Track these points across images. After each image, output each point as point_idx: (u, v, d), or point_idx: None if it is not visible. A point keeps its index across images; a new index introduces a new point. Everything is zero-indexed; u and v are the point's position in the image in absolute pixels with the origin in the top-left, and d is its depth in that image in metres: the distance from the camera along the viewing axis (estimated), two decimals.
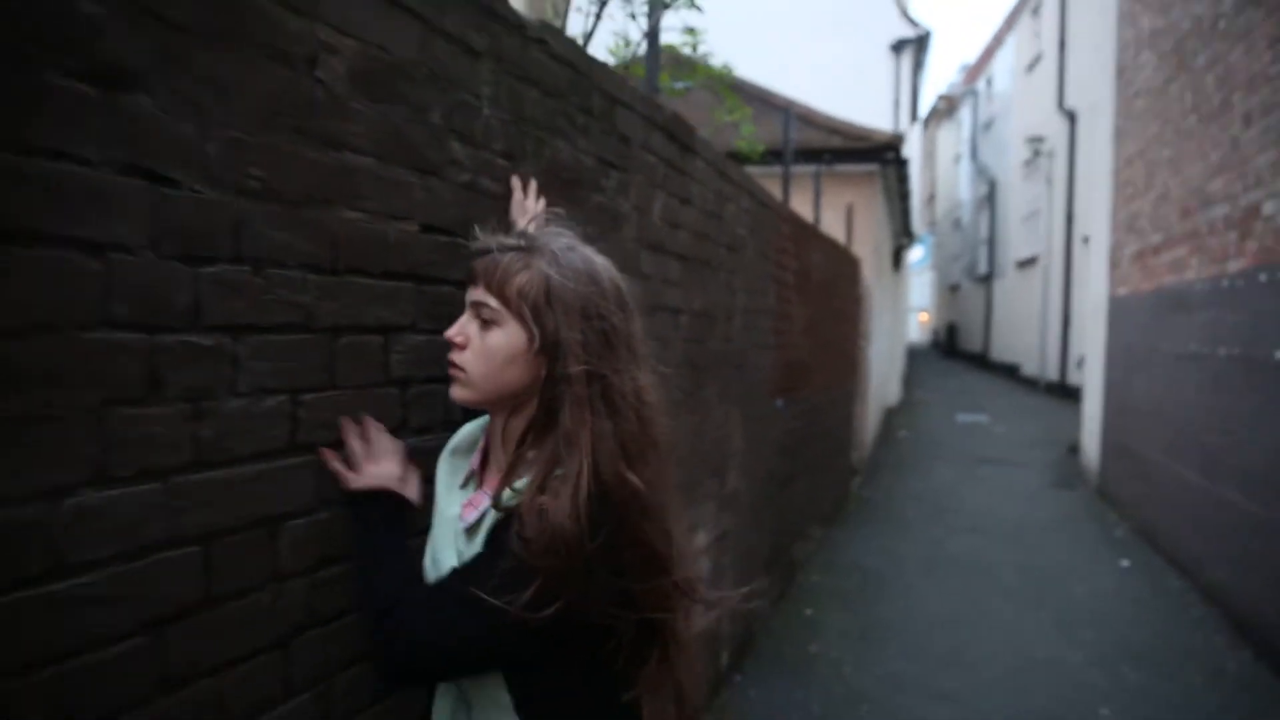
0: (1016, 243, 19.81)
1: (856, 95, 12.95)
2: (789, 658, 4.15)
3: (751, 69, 8.26)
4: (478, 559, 1.09)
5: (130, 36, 0.97)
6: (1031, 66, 18.77)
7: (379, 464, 1.25)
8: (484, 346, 1.12)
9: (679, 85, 4.04)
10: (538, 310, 1.10)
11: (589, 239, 1.24)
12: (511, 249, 1.13)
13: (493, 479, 1.17)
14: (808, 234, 5.28)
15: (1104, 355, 8.07)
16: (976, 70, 26.83)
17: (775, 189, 5.11)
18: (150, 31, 1.00)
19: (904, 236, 15.03)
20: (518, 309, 1.10)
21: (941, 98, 31.94)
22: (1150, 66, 6.77)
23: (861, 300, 8.18)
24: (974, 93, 26.19)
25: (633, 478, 1.07)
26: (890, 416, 13.30)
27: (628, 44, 3.55)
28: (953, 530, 6.62)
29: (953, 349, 28.51)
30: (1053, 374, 16.16)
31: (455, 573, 1.11)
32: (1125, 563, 5.84)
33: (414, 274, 1.46)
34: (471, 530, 1.13)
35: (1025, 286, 18.64)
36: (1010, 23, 21.69)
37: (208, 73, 1.07)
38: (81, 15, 0.92)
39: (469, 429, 1.33)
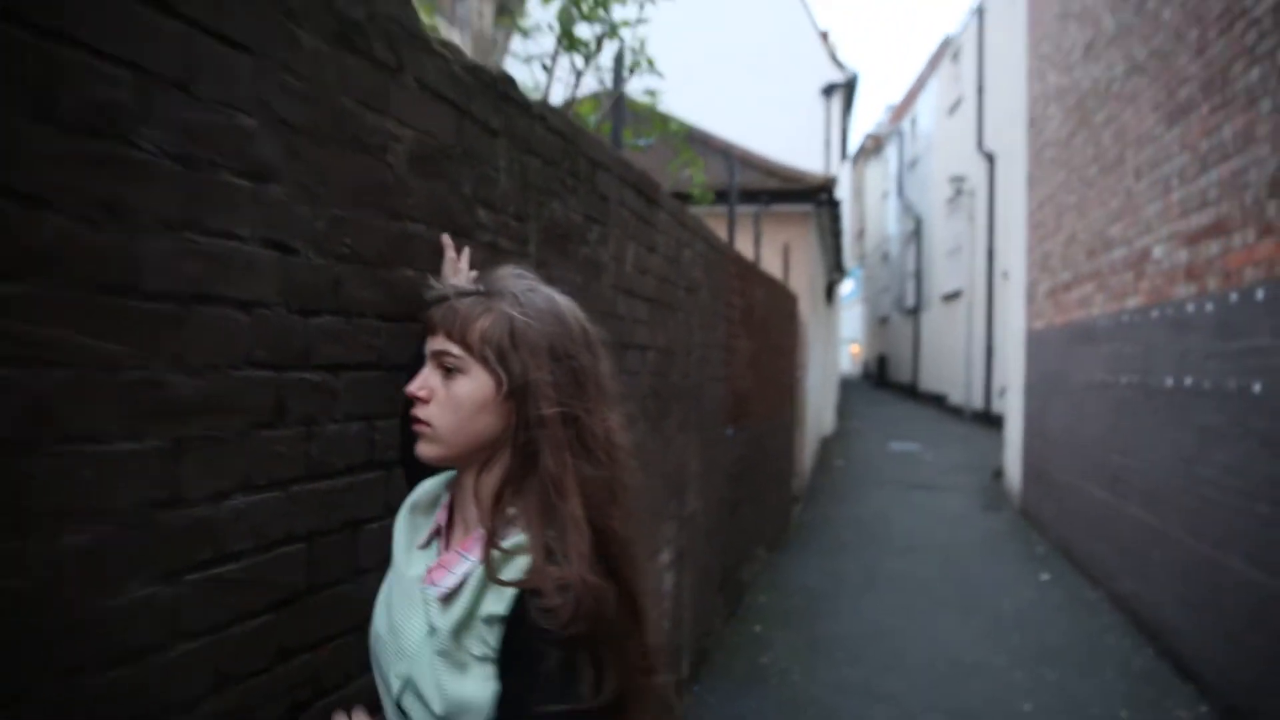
0: (941, 277, 20.76)
1: (789, 135, 13.59)
2: (742, 669, 4.46)
3: (689, 108, 8.71)
4: (519, 676, 1.00)
5: (269, 139, 1.26)
6: (953, 109, 19.85)
7: None
8: (450, 397, 1.07)
9: (641, 141, 4.40)
10: (503, 353, 1.06)
11: (576, 287, 1.48)
12: (470, 294, 1.09)
13: (463, 540, 1.10)
14: (751, 273, 5.68)
15: (1023, 385, 8.67)
16: (902, 110, 28.14)
17: (718, 227, 5.50)
18: (281, 134, 1.29)
19: (836, 271, 15.70)
20: (481, 354, 1.06)
21: (869, 136, 33.32)
22: (1057, 119, 7.44)
23: (798, 334, 8.64)
24: (899, 132, 27.44)
25: (620, 526, 1.05)
26: (826, 445, 13.83)
27: (596, 102, 3.89)
28: (889, 551, 7.04)
29: (883, 379, 29.47)
30: (978, 403, 16.96)
31: (504, 704, 1.00)
32: (1045, 576, 6.33)
33: None
34: (448, 598, 1.04)
35: (950, 319, 19.53)
36: (933, 66, 22.90)
37: (317, 163, 1.36)
38: (242, 128, 1.21)
39: (430, 485, 1.25)
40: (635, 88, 4.07)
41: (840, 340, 26.27)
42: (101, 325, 1.00)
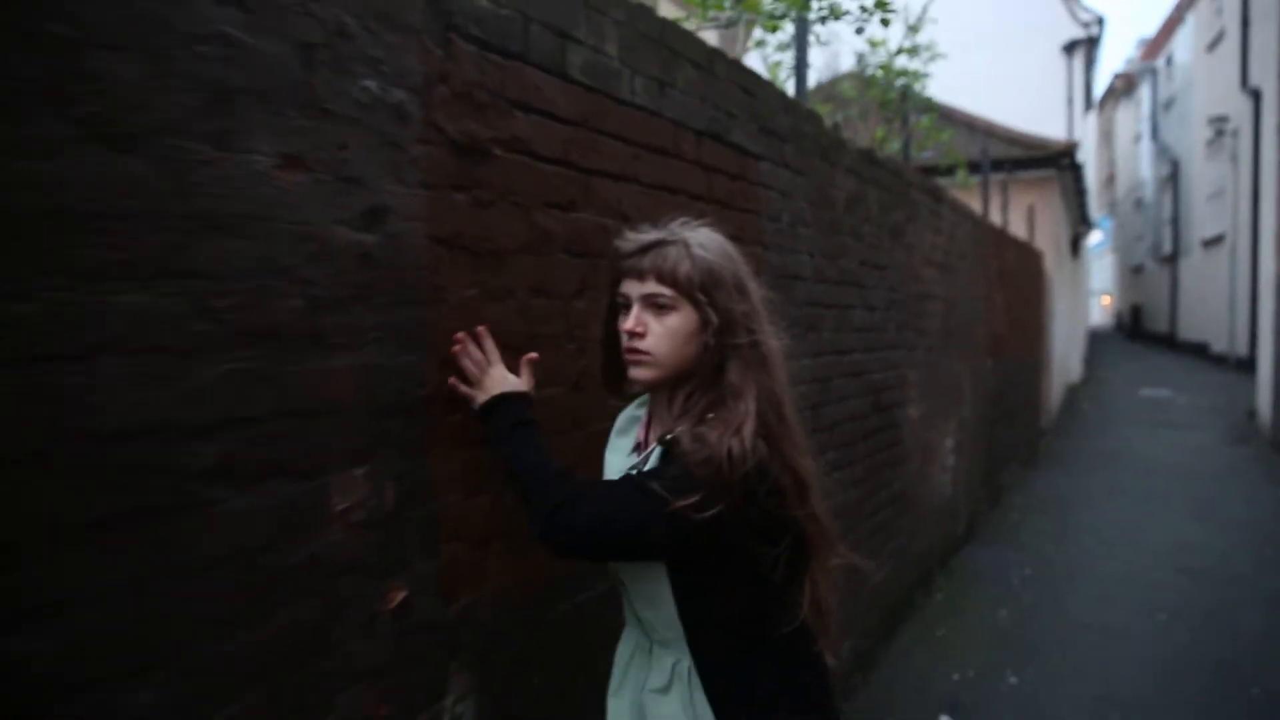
0: (1201, 222, 20.01)
1: (1031, 96, 14.17)
2: (1004, 539, 5.93)
3: (936, 82, 9.86)
4: (647, 471, 1.28)
5: (800, 205, 3.01)
6: (1213, 45, 18.99)
7: (493, 373, 1.44)
8: (665, 330, 1.27)
9: (926, 155, 5.88)
10: (707, 291, 1.26)
11: (901, 262, 2.98)
12: (661, 242, 1.28)
13: (656, 439, 1.35)
14: (1003, 239, 7.00)
15: (1273, 327, 9.18)
16: (1156, 46, 26.61)
17: (971, 195, 6.82)
18: (804, 206, 3.03)
19: (1081, 225, 16.00)
20: (689, 293, 1.26)
21: (1118, 76, 31.58)
22: None
23: (1043, 287, 9.67)
24: (1153, 71, 26.06)
25: (790, 416, 1.28)
26: (1074, 392, 14.42)
27: (883, 130, 5.41)
28: (1132, 472, 8.08)
29: (1137, 331, 28.30)
30: (1242, 350, 16.56)
31: (629, 475, 1.30)
32: None
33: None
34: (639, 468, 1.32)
35: (1212, 265, 18.90)
36: (1186, 4, 21.75)
37: (816, 212, 3.10)
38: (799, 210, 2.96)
39: (626, 414, 1.51)
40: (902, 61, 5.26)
41: (1089, 292, 25.67)
42: None
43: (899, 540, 4.15)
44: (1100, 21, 16.27)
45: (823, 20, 3.76)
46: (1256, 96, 16.07)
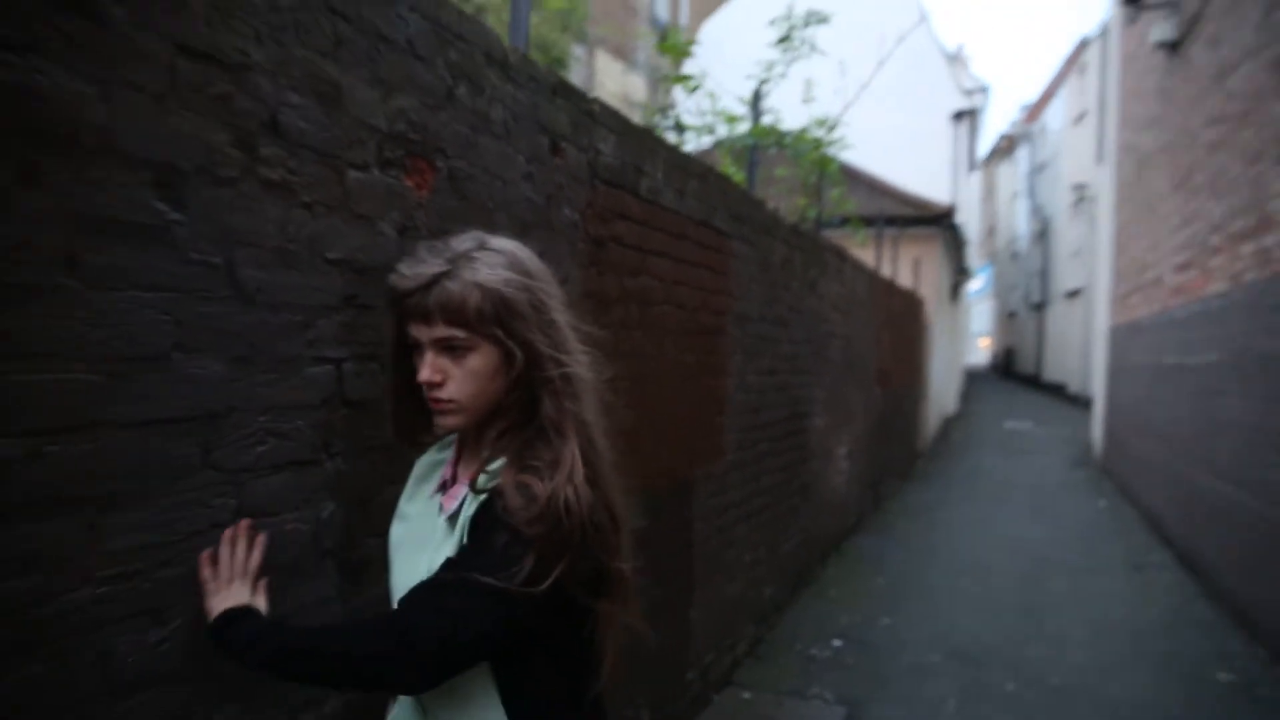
0: (1065, 275, 22.70)
1: (922, 157, 16.17)
2: (884, 532, 7.44)
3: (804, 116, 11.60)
4: (467, 548, 1.15)
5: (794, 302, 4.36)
6: (1078, 120, 21.76)
7: (239, 585, 1.29)
8: (465, 373, 1.19)
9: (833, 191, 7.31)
10: (503, 324, 1.17)
11: (812, 309, 4.30)
12: (440, 274, 1.17)
13: (467, 477, 1.24)
14: (891, 288, 8.61)
15: (1105, 369, 11.19)
16: (1035, 112, 29.80)
17: (862, 249, 8.38)
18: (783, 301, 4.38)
19: (959, 275, 18.17)
20: (483, 330, 1.17)
21: (1003, 136, 34.90)
22: (1128, 166, 9.97)
23: (924, 329, 11.42)
24: (1030, 135, 29.16)
25: (603, 449, 1.23)
26: (949, 423, 16.42)
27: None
28: (988, 486, 9.83)
29: (1009, 371, 31.25)
30: (1091, 390, 19.05)
31: (449, 563, 1.14)
32: (1103, 503, 8.99)
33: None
34: (452, 519, 1.20)
35: (1072, 314, 21.52)
36: (1061, 78, 24.70)
37: (793, 299, 4.45)
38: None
39: (426, 460, 1.39)
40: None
41: (968, 334, 28.32)
42: None
43: (804, 521, 5.53)
44: (985, 90, 18.62)
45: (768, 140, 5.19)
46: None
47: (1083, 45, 22.61)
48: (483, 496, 1.17)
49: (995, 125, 67.36)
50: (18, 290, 1.07)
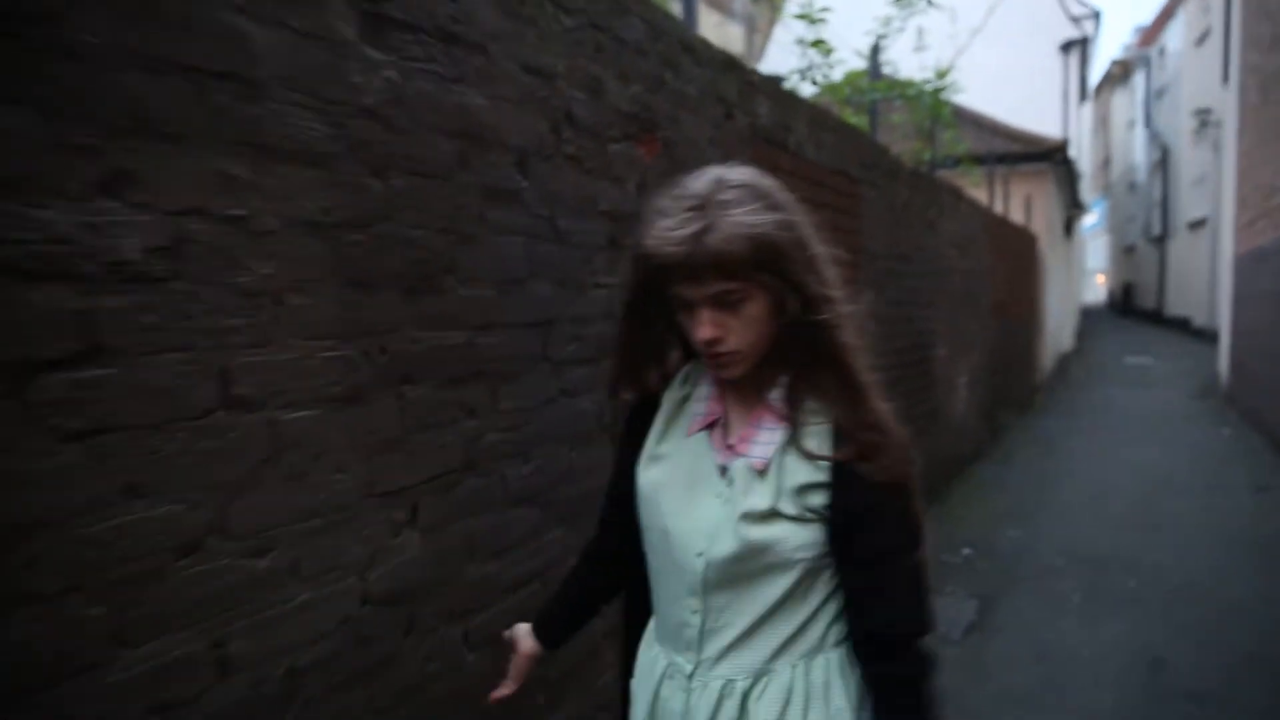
0: (1187, 205, 21.85)
1: (1031, 91, 15.92)
2: (1003, 460, 7.79)
3: (917, 65, 11.65)
4: (867, 518, 1.15)
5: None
6: (1200, 40, 20.75)
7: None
8: (743, 323, 1.14)
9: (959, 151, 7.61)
10: (774, 270, 1.11)
11: (931, 247, 4.73)
12: (702, 230, 1.08)
13: (749, 421, 1.22)
14: (1004, 225, 8.83)
15: (1231, 300, 11.05)
16: (1151, 35, 28.36)
17: (967, 185, 8.61)
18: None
19: (1073, 210, 17.84)
20: (756, 278, 1.11)
21: (1116, 62, 33.30)
22: (1252, 90, 9.77)
23: (1038, 263, 11.49)
24: (1147, 60, 27.81)
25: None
26: (1065, 360, 16.30)
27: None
28: (1108, 418, 9.96)
29: (1128, 307, 30.23)
30: (1217, 324, 18.49)
31: (889, 544, 1.17)
32: (1226, 431, 9.05)
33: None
34: (763, 469, 1.18)
35: (1195, 246, 20.76)
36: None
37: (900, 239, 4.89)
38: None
39: (670, 398, 1.31)
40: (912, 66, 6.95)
41: (1082, 270, 27.55)
42: None
43: (929, 443, 5.98)
44: (1096, 16, 18.03)
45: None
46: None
47: None
48: (823, 463, 1.17)
49: (1108, 51, 63.88)
50: (460, 236, 1.68)
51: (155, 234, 1.10)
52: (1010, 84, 15.83)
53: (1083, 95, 19.97)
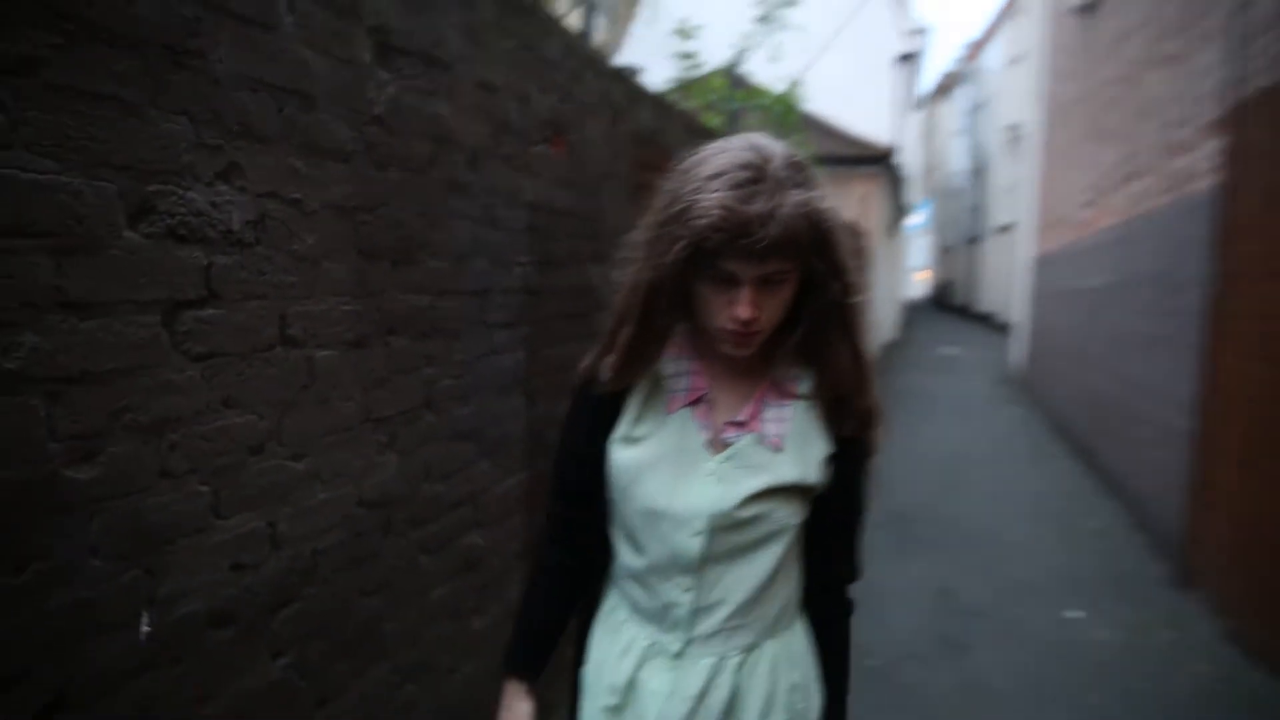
0: (998, 211, 24.21)
1: (865, 98, 17.23)
2: None
3: (772, 74, 12.59)
4: (856, 479, 1.29)
5: None
6: (1015, 62, 23.00)
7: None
8: (777, 302, 1.12)
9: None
10: (822, 252, 1.10)
11: None
12: (768, 201, 1.03)
13: (753, 399, 1.22)
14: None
15: (1028, 297, 12.62)
16: (975, 51, 31.02)
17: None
18: None
19: (899, 210, 19.49)
20: (807, 260, 1.09)
21: (945, 74, 36.08)
22: (1051, 113, 11.21)
23: (866, 260, 12.64)
24: (970, 75, 30.40)
25: None
26: (887, 349, 17.87)
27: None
28: (919, 400, 11.21)
29: (946, 303, 33.04)
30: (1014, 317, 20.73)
31: (863, 504, 1.33)
32: (1019, 411, 10.44)
33: None
34: (779, 446, 1.21)
35: (1003, 248, 23.08)
36: (1000, 20, 25.87)
37: None
38: None
39: (644, 382, 1.25)
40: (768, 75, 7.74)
41: (907, 267, 29.90)
42: None
43: None
44: (926, 32, 19.67)
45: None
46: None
47: None
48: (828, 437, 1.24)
49: (941, 61, 68.69)
50: (429, 220, 2.09)
51: (249, 211, 1.48)
52: (851, 92, 17.08)
53: (913, 104, 21.74)
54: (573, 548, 1.35)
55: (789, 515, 1.22)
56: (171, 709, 1.38)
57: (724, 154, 1.09)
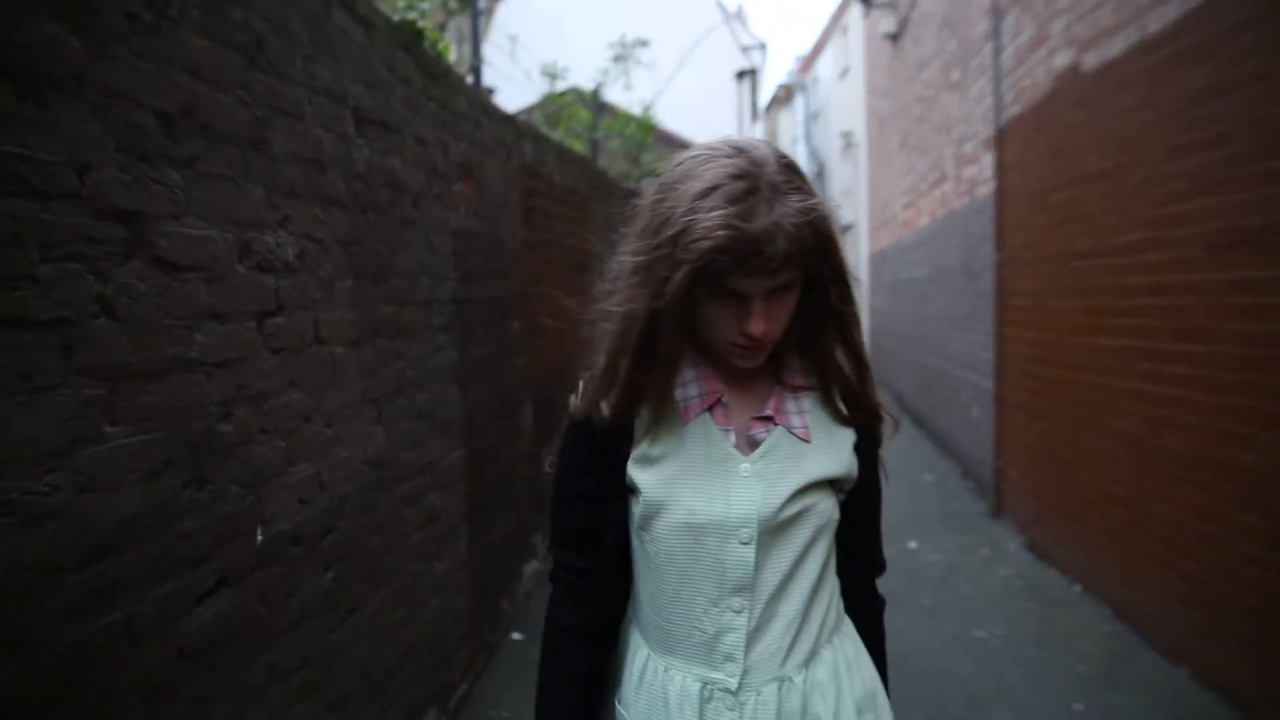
0: (838, 212, 26.05)
1: (710, 112, 18.52)
2: None
3: (626, 99, 13.58)
4: (874, 476, 1.27)
5: None
6: (843, 75, 24.96)
7: None
8: (785, 312, 1.11)
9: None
10: (825, 257, 1.09)
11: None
12: (770, 212, 1.01)
13: (770, 396, 1.20)
14: None
15: (868, 289, 14.05)
16: (808, 64, 33.20)
17: None
18: None
19: None
20: (811, 267, 1.08)
21: (782, 86, 38.29)
22: (873, 125, 12.62)
23: None
24: (805, 85, 32.53)
25: None
26: None
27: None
28: None
29: None
30: None
31: (878, 497, 1.29)
32: None
33: None
34: (807, 440, 1.18)
35: (846, 246, 24.90)
36: (827, 35, 27.93)
37: None
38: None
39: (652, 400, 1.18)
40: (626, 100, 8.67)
41: None
42: None
43: None
44: (763, 47, 21.20)
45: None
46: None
47: (843, 8, 25.79)
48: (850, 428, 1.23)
49: (779, 73, 72.41)
50: (392, 248, 2.76)
51: (295, 248, 2.13)
52: (698, 108, 18.30)
53: (754, 115, 23.31)
54: (593, 604, 1.24)
55: (830, 509, 1.19)
56: (273, 601, 2.01)
57: (711, 164, 1.04)
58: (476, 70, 4.27)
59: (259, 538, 1.95)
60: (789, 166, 1.07)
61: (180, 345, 1.69)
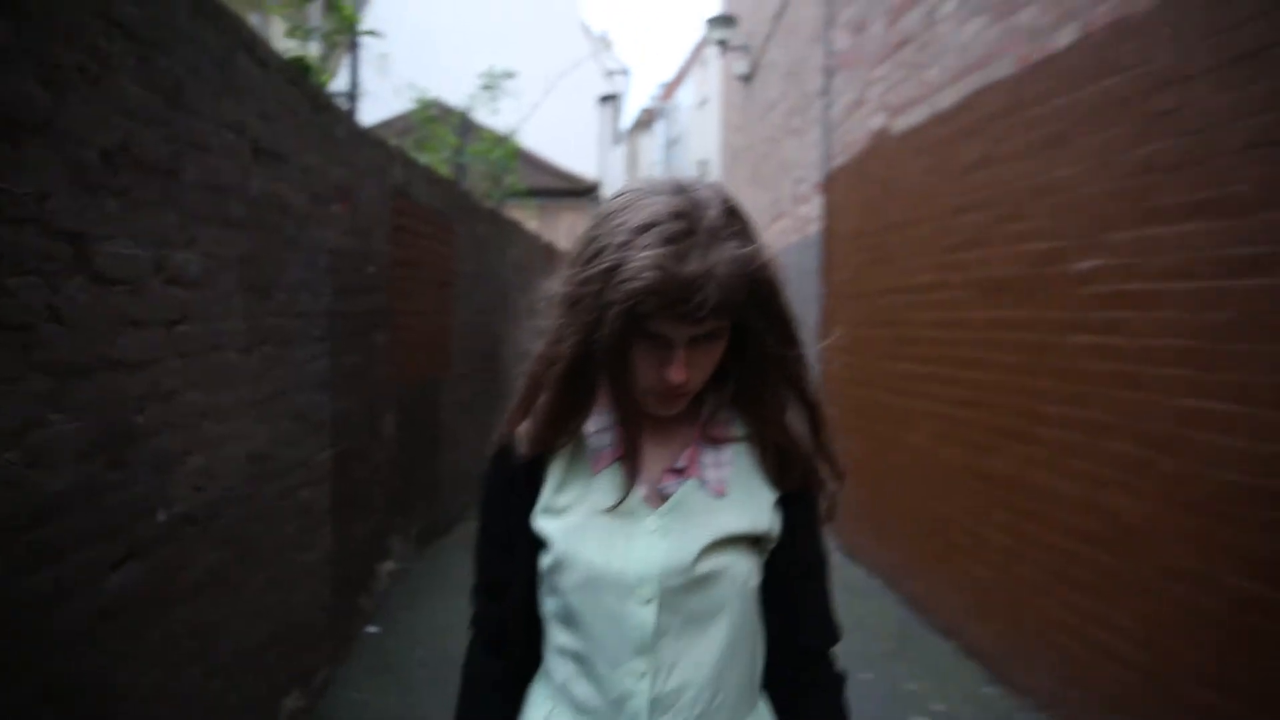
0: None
1: (573, 135, 19.05)
2: None
3: (495, 121, 13.97)
4: (812, 529, 1.22)
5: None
6: (701, 105, 26.11)
7: None
8: (709, 361, 1.07)
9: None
10: (762, 307, 1.05)
11: (501, 267, 6.81)
12: (703, 258, 0.96)
13: (689, 447, 1.15)
14: (550, 249, 11.24)
15: None
16: (669, 92, 34.43)
17: (528, 217, 10.85)
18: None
19: None
20: (744, 316, 1.04)
21: (645, 110, 39.42)
22: (727, 156, 13.48)
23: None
24: (665, 112, 33.70)
25: None
26: None
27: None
28: None
29: None
30: None
31: (822, 557, 1.24)
32: None
33: None
34: (723, 493, 1.14)
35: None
36: (688, 67, 29.13)
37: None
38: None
39: (563, 454, 1.17)
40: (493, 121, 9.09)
41: None
42: None
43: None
44: (626, 73, 21.97)
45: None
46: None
47: (703, 42, 26.99)
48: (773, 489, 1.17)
49: (641, 98, 74.15)
50: (280, 263, 3.07)
51: (200, 266, 2.45)
52: (561, 130, 18.77)
53: (616, 139, 24.06)
54: (511, 653, 1.22)
55: (748, 571, 1.13)
56: (170, 574, 2.31)
57: (653, 200, 1.01)
58: (354, 98, 4.58)
59: (161, 517, 2.25)
60: (731, 211, 1.03)
61: (109, 347, 2.00)
